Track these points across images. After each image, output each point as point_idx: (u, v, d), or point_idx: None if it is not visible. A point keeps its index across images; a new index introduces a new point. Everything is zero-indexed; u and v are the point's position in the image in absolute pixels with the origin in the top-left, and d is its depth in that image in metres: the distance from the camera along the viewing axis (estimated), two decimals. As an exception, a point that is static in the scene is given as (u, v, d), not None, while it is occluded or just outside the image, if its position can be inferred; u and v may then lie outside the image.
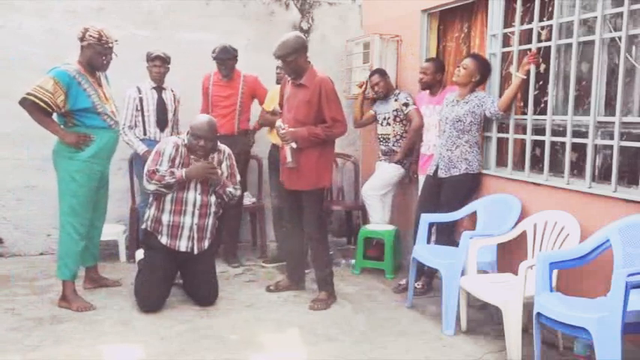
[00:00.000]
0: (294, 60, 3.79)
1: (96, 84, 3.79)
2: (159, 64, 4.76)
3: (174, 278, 3.99)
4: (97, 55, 3.74)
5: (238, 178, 4.10)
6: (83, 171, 3.74)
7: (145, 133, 4.79)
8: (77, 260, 3.82)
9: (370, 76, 4.96)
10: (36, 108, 3.60)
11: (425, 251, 3.84)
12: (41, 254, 5.08)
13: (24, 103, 3.61)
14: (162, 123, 4.83)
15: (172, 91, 4.93)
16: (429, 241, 4.06)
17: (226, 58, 4.75)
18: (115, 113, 3.90)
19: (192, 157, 3.84)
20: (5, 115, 4.86)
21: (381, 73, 4.90)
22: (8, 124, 4.87)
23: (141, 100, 4.76)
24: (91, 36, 3.69)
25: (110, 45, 3.76)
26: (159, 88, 4.84)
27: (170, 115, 4.88)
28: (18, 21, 4.91)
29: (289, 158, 3.86)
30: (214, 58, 4.77)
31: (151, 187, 3.78)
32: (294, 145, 3.84)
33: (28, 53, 4.90)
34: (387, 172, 4.85)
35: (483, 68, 3.97)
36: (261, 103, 4.97)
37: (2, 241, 5.01)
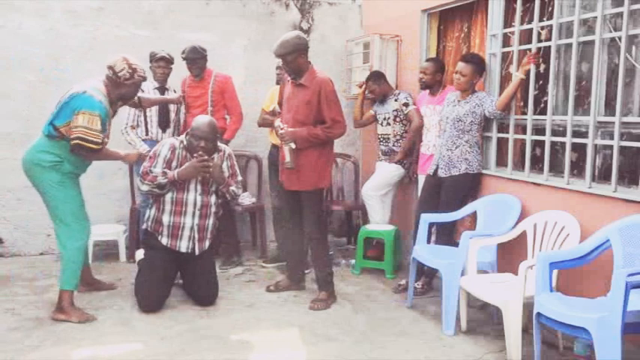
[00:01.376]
0: (294, 59, 3.78)
1: (111, 113, 3.74)
2: (163, 65, 4.77)
3: (174, 278, 3.99)
4: (137, 89, 3.78)
5: (239, 177, 4.10)
6: (65, 179, 3.63)
7: (147, 134, 4.80)
8: (81, 266, 3.69)
9: (366, 80, 4.95)
10: (94, 150, 3.51)
11: (425, 251, 3.84)
12: (41, 254, 5.08)
13: (80, 149, 3.49)
14: (164, 123, 4.83)
15: (175, 91, 4.93)
16: (429, 241, 4.06)
17: (196, 57, 4.72)
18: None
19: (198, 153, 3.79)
20: (5, 115, 4.87)
21: (376, 78, 4.87)
22: (8, 124, 4.88)
23: (143, 100, 4.77)
24: (140, 75, 3.66)
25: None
26: (162, 89, 4.85)
27: (172, 116, 4.88)
28: (18, 21, 4.90)
29: (287, 158, 3.86)
30: (184, 59, 4.74)
31: (144, 188, 3.79)
32: (292, 145, 3.84)
33: (28, 53, 4.90)
34: (387, 172, 4.85)
35: (479, 68, 3.99)
36: (229, 107, 4.91)
37: (2, 241, 5.01)
